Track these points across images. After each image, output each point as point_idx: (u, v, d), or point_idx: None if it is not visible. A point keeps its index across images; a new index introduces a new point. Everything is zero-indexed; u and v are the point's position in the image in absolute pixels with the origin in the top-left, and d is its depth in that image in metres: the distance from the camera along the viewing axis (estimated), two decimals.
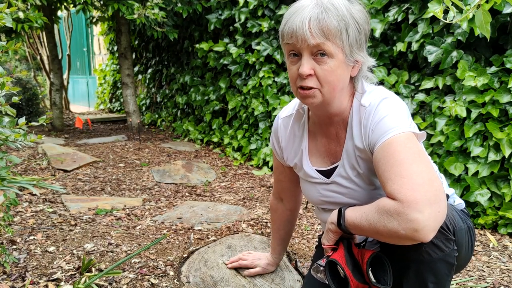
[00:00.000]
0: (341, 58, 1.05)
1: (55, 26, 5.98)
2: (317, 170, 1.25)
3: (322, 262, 1.09)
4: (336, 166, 1.20)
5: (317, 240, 2.23)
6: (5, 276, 1.64)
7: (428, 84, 2.71)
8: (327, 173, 1.23)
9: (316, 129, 1.25)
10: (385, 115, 1.05)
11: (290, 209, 1.53)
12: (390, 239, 0.97)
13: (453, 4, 1.03)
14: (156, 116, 6.21)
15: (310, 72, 1.05)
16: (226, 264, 1.69)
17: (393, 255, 1.06)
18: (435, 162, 2.53)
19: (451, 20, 1.06)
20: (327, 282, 1.08)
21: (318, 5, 1.02)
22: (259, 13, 3.98)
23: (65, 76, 7.63)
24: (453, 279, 1.73)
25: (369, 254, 1.06)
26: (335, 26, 1.01)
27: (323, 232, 1.50)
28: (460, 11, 1.09)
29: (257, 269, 1.62)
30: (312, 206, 2.80)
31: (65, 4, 5.01)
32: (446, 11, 1.09)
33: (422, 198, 0.90)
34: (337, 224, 1.07)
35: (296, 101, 1.32)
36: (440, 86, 2.64)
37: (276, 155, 1.39)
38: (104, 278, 1.65)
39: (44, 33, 6.10)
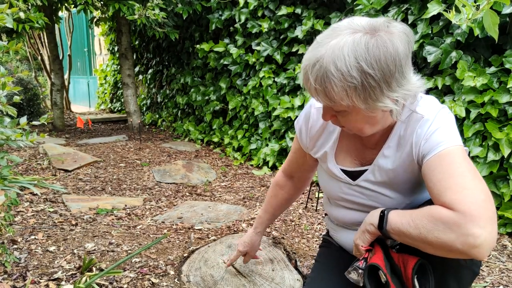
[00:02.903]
0: (359, 110, 0.96)
1: (56, 26, 5.99)
2: (342, 170, 1.19)
3: (360, 264, 1.04)
4: (365, 170, 1.15)
5: (318, 239, 2.24)
6: (6, 276, 1.65)
7: (427, 84, 2.71)
8: (353, 175, 1.18)
9: (353, 134, 1.15)
10: (441, 125, 1.00)
11: (299, 187, 1.49)
12: (439, 251, 0.90)
13: (463, 5, 1.03)
14: (157, 116, 6.22)
15: (331, 119, 1.03)
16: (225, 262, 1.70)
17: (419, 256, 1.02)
18: None
19: (462, 22, 1.06)
20: (361, 285, 1.03)
21: (320, 65, 0.91)
22: (259, 14, 3.99)
23: (66, 76, 7.64)
24: None
25: (414, 261, 1.00)
26: (338, 92, 0.91)
27: (327, 232, 1.48)
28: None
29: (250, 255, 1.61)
30: (312, 206, 2.80)
31: (66, 4, 5.01)
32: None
33: (485, 214, 0.85)
34: (377, 227, 1.01)
35: None
36: (440, 86, 2.64)
37: (300, 141, 1.31)
38: (104, 278, 1.66)
39: (45, 33, 6.11)
